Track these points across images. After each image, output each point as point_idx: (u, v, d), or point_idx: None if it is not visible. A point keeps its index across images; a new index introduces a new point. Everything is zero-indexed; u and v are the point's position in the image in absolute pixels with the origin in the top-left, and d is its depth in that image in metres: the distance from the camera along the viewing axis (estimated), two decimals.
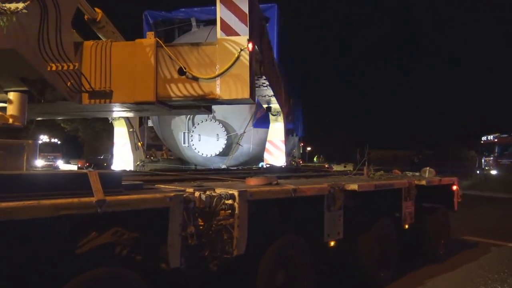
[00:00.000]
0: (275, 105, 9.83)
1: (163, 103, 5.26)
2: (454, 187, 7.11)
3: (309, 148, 24.30)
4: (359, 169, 6.45)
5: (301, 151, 22.08)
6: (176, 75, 5.09)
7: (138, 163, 11.89)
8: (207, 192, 3.56)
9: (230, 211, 3.53)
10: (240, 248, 3.53)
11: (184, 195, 3.20)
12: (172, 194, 3.09)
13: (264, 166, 9.83)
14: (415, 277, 6.16)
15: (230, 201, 3.53)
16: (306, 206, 4.44)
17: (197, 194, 3.50)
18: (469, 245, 8.66)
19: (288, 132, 15.18)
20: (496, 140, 28.10)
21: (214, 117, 12.42)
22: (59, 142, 32.77)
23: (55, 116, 6.26)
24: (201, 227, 3.44)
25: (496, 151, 27.62)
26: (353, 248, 5.04)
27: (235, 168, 10.75)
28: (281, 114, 10.98)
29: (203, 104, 5.49)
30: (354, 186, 4.71)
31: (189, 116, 12.44)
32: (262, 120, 12.19)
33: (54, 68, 4.28)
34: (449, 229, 7.37)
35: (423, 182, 6.09)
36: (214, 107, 12.52)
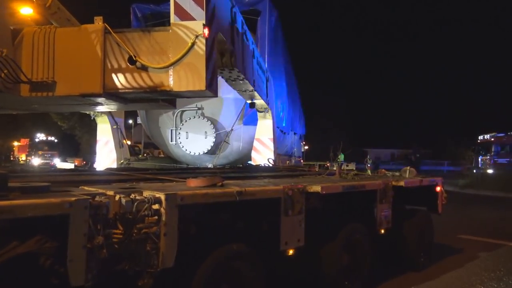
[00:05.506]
0: (259, 101, 9.34)
1: (113, 95, 4.79)
2: (438, 188, 6.55)
3: (306, 147, 23.72)
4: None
5: (302, 150, 21.52)
6: (125, 65, 4.62)
7: (122, 161, 11.49)
8: (131, 196, 3.08)
9: (156, 217, 3.05)
10: (167, 260, 3.03)
11: (91, 200, 2.71)
12: (73, 199, 2.60)
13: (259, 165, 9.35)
14: (394, 285, 5.72)
15: (156, 206, 3.05)
16: (260, 210, 3.94)
17: (117, 197, 3.03)
18: (465, 243, 8.48)
19: (283, 130, 14.75)
20: (493, 139, 27.92)
21: (202, 114, 11.98)
22: (56, 140, 32.58)
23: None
24: (121, 237, 2.97)
25: (493, 150, 27.45)
26: (317, 256, 4.51)
27: (217, 166, 10.29)
28: (269, 111, 10.51)
29: (158, 97, 4.99)
30: (316, 188, 4.18)
31: (176, 112, 12.03)
32: (252, 117, 11.67)
33: None
34: (432, 233, 6.83)
35: (401, 183, 5.53)
36: (203, 103, 12.32)
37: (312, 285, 4.63)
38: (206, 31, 4.52)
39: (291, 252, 4.07)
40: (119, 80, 4.62)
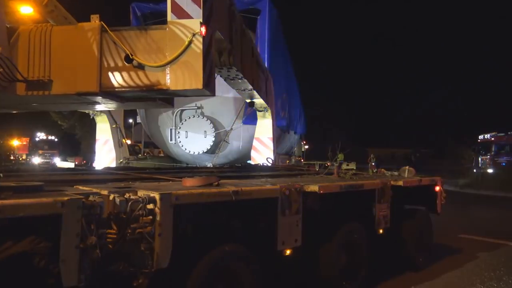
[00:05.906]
0: (259, 100, 9.27)
1: (110, 94, 4.76)
2: (437, 188, 6.50)
3: (306, 147, 23.64)
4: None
5: (302, 150, 21.43)
6: (122, 63, 4.59)
7: (121, 160, 11.46)
8: (126, 195, 3.05)
9: (151, 217, 3.01)
10: (162, 261, 3.00)
11: (84, 200, 2.67)
12: (66, 199, 2.57)
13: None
14: (393, 285, 5.69)
15: (151, 206, 3.01)
16: (256, 210, 3.91)
17: (111, 197, 2.99)
18: (465, 243, 8.45)
19: (283, 129, 14.69)
20: (493, 139, 27.86)
21: (202, 113, 11.95)
22: (56, 140, 32.58)
23: None
24: (115, 237, 2.94)
25: (493, 150, 27.37)
26: (314, 256, 4.47)
27: (217, 166, 10.24)
28: (269, 110, 10.45)
29: (155, 96, 4.96)
30: (314, 187, 4.15)
31: (176, 112, 12.00)
32: (252, 116, 11.63)
33: None
34: (431, 233, 6.80)
35: (400, 183, 5.49)
36: (203, 102, 12.28)
37: (309, 285, 4.60)
38: (203, 29, 4.48)
39: (288, 252, 4.04)
40: (116, 79, 4.59)
